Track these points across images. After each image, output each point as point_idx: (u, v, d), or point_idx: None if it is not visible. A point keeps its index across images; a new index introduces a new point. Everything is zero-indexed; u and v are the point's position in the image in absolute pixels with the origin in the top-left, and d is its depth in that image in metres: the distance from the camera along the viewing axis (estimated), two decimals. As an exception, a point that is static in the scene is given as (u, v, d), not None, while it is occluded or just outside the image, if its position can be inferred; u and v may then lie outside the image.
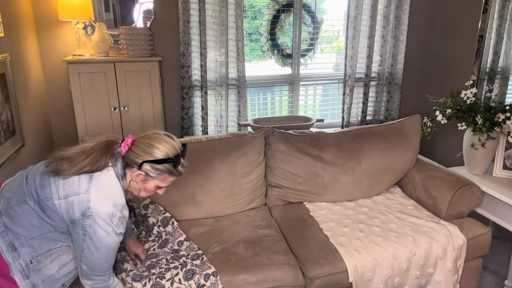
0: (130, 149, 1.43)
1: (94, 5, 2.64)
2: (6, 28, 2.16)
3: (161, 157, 1.43)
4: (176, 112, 3.00)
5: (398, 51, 3.26)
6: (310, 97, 3.48)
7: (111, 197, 1.38)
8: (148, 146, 1.43)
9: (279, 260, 1.85)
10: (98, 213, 1.33)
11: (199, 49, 2.83)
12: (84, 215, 1.33)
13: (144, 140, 1.45)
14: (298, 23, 3.16)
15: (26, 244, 1.35)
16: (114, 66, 2.49)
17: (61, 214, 1.35)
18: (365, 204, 2.38)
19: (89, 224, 1.33)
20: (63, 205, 1.34)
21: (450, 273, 2.01)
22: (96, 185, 1.36)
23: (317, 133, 2.50)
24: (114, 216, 1.36)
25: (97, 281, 1.41)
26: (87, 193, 1.34)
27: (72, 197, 1.34)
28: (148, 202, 2.09)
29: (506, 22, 2.64)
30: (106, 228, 1.35)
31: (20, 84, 2.32)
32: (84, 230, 1.34)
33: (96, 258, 1.37)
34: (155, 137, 1.45)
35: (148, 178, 1.45)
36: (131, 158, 1.43)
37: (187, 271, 1.76)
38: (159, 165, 1.43)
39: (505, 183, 2.31)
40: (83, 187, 1.35)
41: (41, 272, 1.38)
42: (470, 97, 2.39)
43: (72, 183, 1.35)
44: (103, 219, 1.34)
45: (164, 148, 1.43)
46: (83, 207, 1.33)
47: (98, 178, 1.38)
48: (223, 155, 2.27)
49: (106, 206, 1.35)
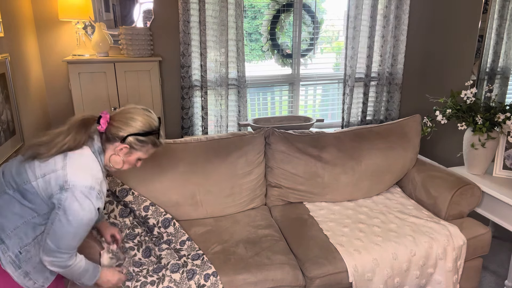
0: (111, 124, 1.44)
1: (94, 5, 2.64)
2: (6, 28, 2.16)
3: (145, 129, 1.46)
4: (176, 112, 3.00)
5: (398, 51, 3.26)
6: (310, 97, 3.48)
7: (88, 170, 1.39)
8: (131, 120, 1.45)
9: (279, 260, 1.85)
10: (76, 185, 1.33)
11: (199, 49, 2.83)
12: (62, 189, 1.33)
13: (124, 114, 1.46)
14: (298, 23, 3.16)
15: (12, 235, 1.35)
16: (114, 66, 2.49)
17: (41, 194, 1.35)
18: (365, 204, 2.38)
19: (65, 197, 1.33)
20: (41, 184, 1.35)
21: (450, 273, 2.01)
22: (72, 161, 1.37)
23: (317, 133, 2.50)
24: (93, 189, 1.36)
25: (58, 258, 1.37)
26: (63, 169, 1.35)
27: (50, 174, 1.35)
28: (148, 204, 2.09)
29: (506, 22, 2.64)
30: (82, 202, 1.33)
31: (20, 84, 2.32)
32: (58, 203, 1.33)
33: (65, 232, 1.34)
34: (135, 111, 1.48)
35: (132, 151, 1.48)
36: (112, 132, 1.44)
37: (188, 271, 1.76)
38: (144, 137, 1.46)
39: (505, 183, 2.30)
40: (59, 165, 1.36)
41: (31, 260, 1.39)
42: (470, 97, 2.39)
43: (48, 163, 1.36)
44: (81, 191, 1.33)
45: (145, 120, 1.47)
46: (61, 182, 1.34)
47: (72, 155, 1.39)
48: (223, 155, 2.27)
49: (84, 179, 1.35)
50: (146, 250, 1.88)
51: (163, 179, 2.16)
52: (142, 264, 1.80)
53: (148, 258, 1.84)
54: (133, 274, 1.73)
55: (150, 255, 1.86)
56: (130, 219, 1.98)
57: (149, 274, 1.73)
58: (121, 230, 1.91)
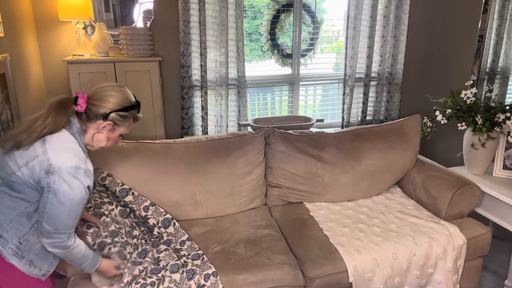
0: (90, 104, 1.45)
1: (94, 5, 2.63)
2: (6, 28, 2.16)
3: (126, 104, 1.49)
4: (176, 112, 3.00)
5: (398, 51, 3.26)
6: (310, 97, 3.48)
7: (70, 151, 1.39)
8: (111, 97, 1.47)
9: (279, 260, 1.85)
10: (61, 167, 1.34)
11: (199, 49, 2.83)
12: (48, 173, 1.34)
13: (102, 92, 1.48)
14: (298, 23, 3.16)
15: (9, 228, 1.37)
16: (114, 66, 2.49)
17: (28, 182, 1.36)
18: (365, 204, 2.38)
19: (53, 180, 1.34)
20: (25, 172, 1.35)
21: (450, 273, 2.01)
22: (52, 143, 1.38)
23: (317, 133, 2.50)
24: (79, 168, 1.37)
25: (57, 239, 1.39)
26: (44, 154, 1.35)
27: (32, 161, 1.35)
28: (148, 204, 2.09)
29: (506, 22, 2.64)
30: (71, 182, 1.35)
31: (20, 84, 2.32)
32: (48, 187, 1.34)
33: (59, 214, 1.36)
34: (112, 88, 1.50)
35: (115, 127, 1.51)
36: (93, 111, 1.45)
37: (188, 271, 1.76)
38: (126, 112, 1.49)
39: (505, 183, 2.30)
40: (39, 150, 1.36)
41: (32, 248, 1.41)
42: (470, 97, 2.39)
43: (28, 151, 1.36)
44: (67, 172, 1.34)
45: (124, 96, 1.50)
46: (45, 166, 1.34)
47: (50, 139, 1.39)
48: (223, 155, 2.27)
49: (68, 160, 1.36)
50: (142, 252, 1.87)
51: (163, 179, 2.16)
52: (141, 263, 1.79)
53: (143, 259, 1.84)
54: (124, 269, 1.72)
55: (146, 257, 1.86)
56: (129, 219, 1.98)
57: (148, 276, 1.72)
58: (119, 229, 1.90)
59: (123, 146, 2.18)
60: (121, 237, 1.80)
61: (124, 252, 1.77)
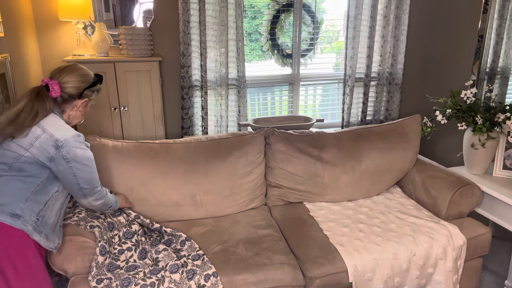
0: (63, 87, 1.59)
1: (94, 5, 2.63)
2: (6, 28, 2.16)
3: (93, 79, 1.68)
4: (176, 112, 3.00)
5: (398, 51, 3.26)
6: (310, 97, 3.48)
7: (65, 125, 1.57)
8: (81, 76, 1.63)
9: (279, 260, 1.85)
10: (67, 138, 1.51)
11: (199, 49, 2.83)
12: (57, 148, 1.50)
13: (70, 74, 1.61)
14: (298, 23, 3.16)
15: (25, 207, 1.45)
16: (114, 66, 2.49)
17: (38, 161, 1.48)
18: (365, 204, 2.38)
19: (66, 151, 1.51)
20: (34, 152, 1.48)
21: (450, 273, 2.01)
22: (47, 123, 1.52)
23: (317, 133, 2.50)
24: (80, 136, 1.57)
25: (98, 193, 1.67)
26: (45, 132, 1.50)
27: (36, 141, 1.48)
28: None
29: (506, 22, 2.64)
30: (81, 146, 1.55)
31: (20, 84, 2.32)
32: (66, 159, 1.51)
33: (89, 173, 1.60)
34: (76, 67, 1.64)
35: (88, 102, 1.70)
36: (68, 93, 1.60)
37: (188, 271, 1.76)
38: (95, 86, 1.69)
39: (505, 183, 2.30)
40: (38, 131, 1.50)
41: (47, 223, 1.52)
42: (470, 97, 2.39)
43: (26, 136, 1.48)
44: (75, 140, 1.53)
45: (86, 72, 1.67)
46: (52, 142, 1.49)
47: (44, 120, 1.52)
48: (223, 155, 2.27)
49: (68, 131, 1.54)
50: (142, 251, 1.87)
51: (163, 179, 2.16)
52: (137, 267, 1.80)
53: (143, 260, 1.84)
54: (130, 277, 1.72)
55: (146, 257, 1.86)
56: (124, 216, 1.97)
57: (147, 277, 1.72)
58: (118, 229, 1.91)
59: (123, 146, 2.18)
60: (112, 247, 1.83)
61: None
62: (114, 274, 1.73)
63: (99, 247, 1.75)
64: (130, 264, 1.80)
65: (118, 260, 1.80)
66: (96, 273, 1.70)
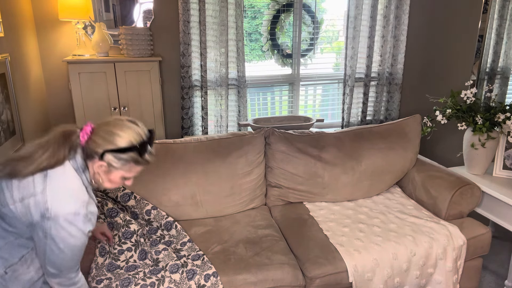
0: (90, 138, 1.31)
1: (94, 5, 2.64)
2: (6, 28, 2.16)
3: (124, 145, 1.30)
4: (176, 112, 3.00)
5: (398, 51, 3.26)
6: (310, 97, 3.48)
7: (71, 194, 1.26)
8: (109, 134, 1.30)
9: (279, 260, 1.85)
10: (58, 213, 1.22)
11: (199, 49, 2.83)
12: (44, 217, 1.23)
13: (104, 127, 1.32)
14: (298, 23, 3.16)
15: None
16: (114, 66, 2.49)
17: (20, 219, 1.25)
18: (365, 204, 2.38)
19: (49, 226, 1.23)
20: (19, 209, 1.24)
21: (450, 273, 2.01)
22: (52, 183, 1.25)
23: (317, 133, 2.50)
24: (78, 215, 1.25)
25: (64, 279, 1.33)
26: (43, 194, 1.23)
27: (29, 199, 1.23)
28: (150, 208, 2.09)
29: (506, 22, 2.64)
30: (69, 229, 1.24)
31: (20, 84, 2.32)
32: (44, 233, 1.24)
33: (61, 259, 1.28)
34: (117, 124, 1.32)
35: (112, 169, 1.32)
36: (91, 148, 1.30)
37: (188, 271, 1.76)
38: (123, 154, 1.30)
39: (505, 183, 2.30)
40: (38, 187, 1.24)
41: (19, 279, 1.30)
42: (470, 97, 2.39)
43: (27, 184, 1.24)
44: (65, 219, 1.23)
45: (126, 135, 1.31)
46: (41, 209, 1.23)
47: (53, 175, 1.26)
48: (223, 155, 2.27)
49: (67, 205, 1.24)
50: (142, 252, 1.87)
51: (163, 179, 2.16)
52: (137, 267, 1.80)
53: (143, 260, 1.84)
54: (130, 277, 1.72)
55: (146, 258, 1.86)
56: (121, 216, 1.96)
57: (147, 277, 1.72)
58: (117, 229, 1.91)
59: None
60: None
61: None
62: (114, 274, 1.73)
63: (98, 248, 1.75)
64: (130, 264, 1.80)
65: (118, 260, 1.80)
66: (95, 274, 1.70)
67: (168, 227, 2.07)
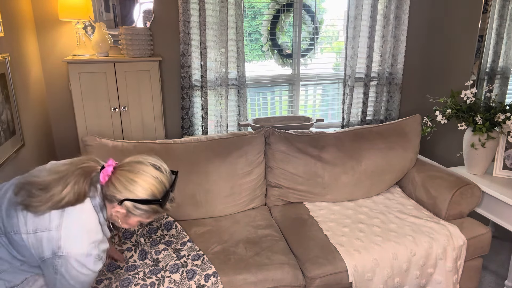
0: (110, 181, 1.26)
1: (94, 5, 2.64)
2: (6, 28, 2.16)
3: (146, 196, 1.25)
4: (176, 112, 3.00)
5: (398, 51, 3.26)
6: (310, 97, 3.48)
7: (86, 234, 1.23)
8: (131, 182, 1.24)
9: (279, 260, 1.85)
10: (70, 253, 1.19)
11: (199, 49, 2.83)
12: (55, 254, 1.19)
13: (127, 173, 1.26)
14: (298, 23, 3.16)
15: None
16: (114, 66, 2.49)
17: (30, 250, 1.21)
18: (365, 204, 2.38)
19: (60, 263, 1.20)
20: (31, 240, 1.20)
21: (450, 273, 2.01)
22: (69, 220, 1.21)
23: (317, 133, 2.50)
24: (90, 256, 1.22)
25: None
26: (57, 230, 1.19)
27: (42, 233, 1.19)
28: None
29: (506, 22, 2.64)
30: (79, 269, 1.21)
31: (20, 84, 2.32)
32: (55, 269, 1.21)
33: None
34: (140, 171, 1.26)
35: (130, 215, 1.29)
36: (111, 191, 1.25)
37: (188, 271, 1.76)
38: (143, 205, 1.26)
39: (505, 183, 2.30)
40: (54, 223, 1.20)
41: None
42: (470, 97, 2.39)
43: (43, 217, 1.20)
44: (76, 259, 1.20)
45: (149, 186, 1.25)
46: (54, 246, 1.19)
47: (71, 212, 1.22)
48: (223, 155, 2.27)
49: (80, 245, 1.20)
50: (142, 252, 1.87)
51: (163, 179, 2.16)
52: (137, 267, 1.80)
53: (143, 260, 1.84)
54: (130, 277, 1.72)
55: (146, 258, 1.86)
56: None
57: (147, 277, 1.72)
58: (117, 229, 1.91)
59: (123, 146, 2.18)
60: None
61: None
62: (114, 274, 1.73)
63: None
64: (130, 264, 1.80)
65: (118, 260, 1.80)
66: None
67: (168, 227, 2.07)
